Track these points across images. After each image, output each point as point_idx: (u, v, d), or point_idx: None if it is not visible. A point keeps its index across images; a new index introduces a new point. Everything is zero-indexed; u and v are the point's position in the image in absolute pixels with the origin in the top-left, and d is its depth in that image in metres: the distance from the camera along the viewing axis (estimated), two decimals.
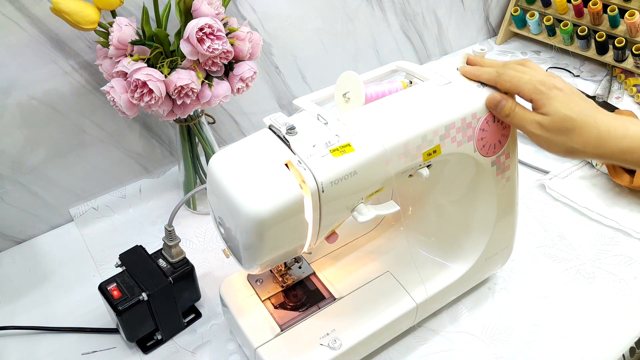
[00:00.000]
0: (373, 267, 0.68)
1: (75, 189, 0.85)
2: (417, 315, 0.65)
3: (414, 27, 1.14)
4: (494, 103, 0.55)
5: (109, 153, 0.85)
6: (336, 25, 1.02)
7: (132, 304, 0.61)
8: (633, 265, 0.75)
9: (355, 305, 0.63)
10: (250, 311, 0.63)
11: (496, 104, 0.55)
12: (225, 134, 0.97)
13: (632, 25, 1.03)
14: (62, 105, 0.77)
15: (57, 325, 0.70)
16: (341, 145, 0.49)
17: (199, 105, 0.71)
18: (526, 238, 0.80)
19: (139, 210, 0.87)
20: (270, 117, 0.52)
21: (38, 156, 0.79)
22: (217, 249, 0.80)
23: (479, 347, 0.66)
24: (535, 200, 0.87)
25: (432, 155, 0.54)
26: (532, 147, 0.97)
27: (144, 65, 0.66)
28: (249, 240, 0.49)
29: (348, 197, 0.51)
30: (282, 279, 0.65)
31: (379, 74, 0.61)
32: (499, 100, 0.55)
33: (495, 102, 0.55)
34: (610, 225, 0.81)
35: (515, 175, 0.64)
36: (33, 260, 0.80)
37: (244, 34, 0.71)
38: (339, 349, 0.59)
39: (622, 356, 0.66)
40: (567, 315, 0.70)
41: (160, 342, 0.68)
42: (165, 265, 0.66)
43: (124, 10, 0.76)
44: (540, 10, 1.17)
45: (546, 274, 0.75)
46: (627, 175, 0.84)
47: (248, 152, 0.50)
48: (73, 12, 0.65)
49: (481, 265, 0.68)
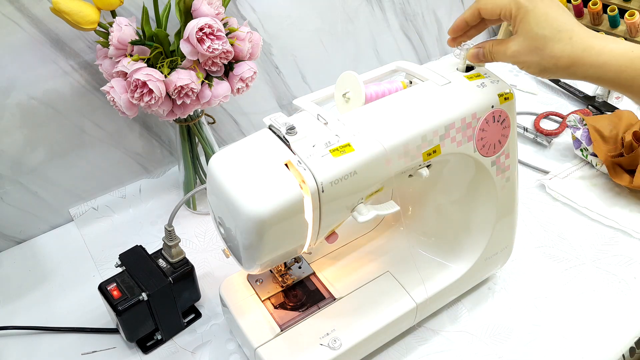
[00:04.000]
0: (373, 267, 0.68)
1: (75, 189, 0.85)
2: (417, 315, 0.65)
3: (414, 27, 1.14)
4: (475, 54, 0.56)
5: (109, 153, 0.85)
6: (336, 25, 1.02)
7: (132, 304, 0.61)
8: (633, 265, 0.75)
9: (355, 305, 0.63)
10: (250, 311, 0.63)
11: (476, 54, 0.56)
12: (225, 134, 0.97)
13: (632, 25, 1.03)
14: (62, 105, 0.77)
15: (57, 325, 0.70)
16: (341, 145, 0.49)
17: (199, 105, 0.71)
18: (526, 238, 0.80)
19: (139, 210, 0.87)
20: (270, 117, 0.52)
21: (38, 156, 0.79)
22: (217, 249, 0.80)
23: (479, 347, 0.66)
24: (535, 200, 0.87)
25: (432, 155, 0.54)
26: (532, 147, 0.98)
27: (144, 65, 0.66)
28: (249, 240, 0.49)
29: (348, 197, 0.51)
30: (282, 279, 0.65)
31: (379, 74, 0.60)
32: (477, 49, 0.56)
33: (475, 54, 0.56)
34: (610, 225, 0.81)
35: (515, 175, 0.64)
36: (33, 260, 0.80)
37: (244, 34, 0.71)
38: (339, 349, 0.59)
39: (622, 356, 0.66)
40: (567, 315, 0.70)
41: (160, 342, 0.68)
42: (165, 265, 0.66)
43: (124, 10, 0.76)
44: None
45: (546, 274, 0.75)
46: (627, 175, 0.84)
47: (248, 152, 0.50)
48: (73, 12, 0.65)
49: (481, 265, 0.68)
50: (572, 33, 0.49)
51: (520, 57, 0.52)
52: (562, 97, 1.10)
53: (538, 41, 0.50)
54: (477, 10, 0.54)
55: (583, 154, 0.91)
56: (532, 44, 0.50)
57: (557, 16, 0.50)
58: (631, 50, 0.48)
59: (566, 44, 0.49)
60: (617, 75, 0.48)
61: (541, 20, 0.49)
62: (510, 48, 0.52)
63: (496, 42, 0.54)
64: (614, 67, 0.48)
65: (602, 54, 0.48)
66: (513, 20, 0.51)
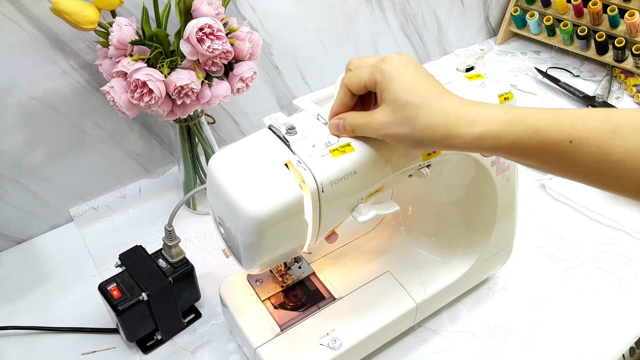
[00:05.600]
0: (373, 267, 0.68)
1: (75, 189, 0.85)
2: (417, 315, 0.65)
3: (414, 27, 1.14)
4: (335, 126, 0.50)
5: (109, 153, 0.85)
6: (336, 25, 1.02)
7: (132, 304, 0.61)
8: (633, 265, 0.75)
9: (355, 305, 0.63)
10: (250, 311, 0.63)
11: (336, 126, 0.50)
12: (225, 134, 0.97)
13: (632, 25, 1.03)
14: (62, 105, 0.77)
15: (56, 325, 0.70)
16: (341, 145, 0.49)
17: (199, 105, 0.71)
18: (526, 238, 0.80)
19: (139, 210, 0.87)
20: (270, 117, 0.52)
21: (38, 156, 0.79)
22: (217, 249, 0.80)
23: (479, 347, 0.66)
24: (535, 200, 0.87)
25: (432, 155, 0.54)
26: None
27: (144, 65, 0.66)
28: (248, 240, 0.49)
29: (348, 197, 0.51)
30: (282, 279, 0.65)
31: None
32: (337, 121, 0.49)
33: (335, 125, 0.50)
34: (610, 225, 0.81)
35: (515, 175, 0.64)
36: (33, 260, 0.80)
37: (244, 34, 0.71)
38: (339, 349, 0.59)
39: (622, 356, 0.66)
40: (567, 315, 0.70)
41: (160, 342, 0.68)
42: (165, 265, 0.66)
43: (124, 10, 0.76)
44: (540, 11, 1.17)
45: (546, 274, 0.75)
46: None
47: (248, 152, 0.50)
48: (73, 12, 0.65)
49: (481, 265, 0.68)
50: (443, 100, 0.44)
51: (390, 129, 0.45)
52: (562, 97, 1.10)
53: (408, 110, 0.44)
54: (346, 87, 0.49)
55: None
56: (402, 114, 0.44)
57: (426, 82, 0.45)
58: (504, 112, 0.43)
59: (439, 113, 0.43)
60: (496, 141, 0.43)
61: (409, 87, 0.44)
62: (377, 120, 0.46)
63: (359, 114, 0.48)
64: (491, 134, 0.42)
65: (476, 122, 0.43)
66: (379, 90, 0.46)
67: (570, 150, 0.41)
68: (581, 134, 0.41)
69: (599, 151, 0.41)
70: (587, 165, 0.41)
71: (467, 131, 0.43)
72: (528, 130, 0.42)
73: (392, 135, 0.46)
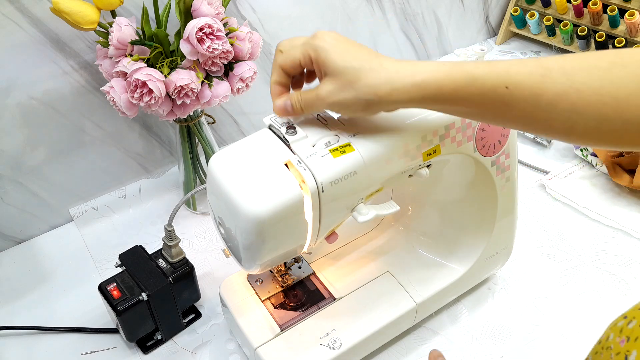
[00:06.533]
0: (373, 267, 0.68)
1: (75, 189, 0.85)
2: (417, 315, 0.65)
3: (414, 27, 1.14)
4: (282, 108, 0.50)
5: (109, 153, 0.85)
6: (336, 25, 1.01)
7: (132, 304, 0.61)
8: (633, 265, 0.75)
9: (355, 305, 0.63)
10: (250, 311, 0.63)
11: (284, 107, 0.50)
12: (225, 134, 0.97)
13: (632, 25, 1.03)
14: (62, 105, 0.77)
15: (56, 325, 0.70)
16: (341, 145, 0.49)
17: (199, 105, 0.71)
18: (526, 238, 0.80)
19: (139, 210, 0.87)
20: (270, 117, 0.52)
21: (38, 156, 0.79)
22: (217, 249, 0.80)
23: (479, 347, 0.66)
24: (535, 200, 0.87)
25: (432, 155, 0.54)
26: (532, 147, 0.98)
27: (144, 65, 0.66)
28: (248, 240, 0.49)
29: (348, 197, 0.51)
30: (282, 279, 0.65)
31: None
32: (283, 102, 0.50)
33: (282, 107, 0.50)
34: (610, 225, 0.81)
35: (515, 175, 0.64)
36: (33, 260, 0.80)
37: (244, 34, 0.71)
38: (339, 349, 0.59)
39: None
40: (567, 315, 0.70)
41: (160, 342, 0.68)
42: (165, 265, 0.66)
43: (124, 10, 0.76)
44: (540, 11, 1.17)
45: (546, 274, 0.75)
46: (627, 175, 0.84)
47: (248, 152, 0.50)
48: (73, 12, 0.65)
49: (481, 265, 0.68)
50: (380, 60, 0.45)
51: (336, 97, 0.46)
52: None
53: (349, 74, 0.45)
54: (280, 68, 0.49)
55: (583, 154, 0.91)
56: (344, 79, 0.45)
57: (360, 48, 0.46)
58: (442, 64, 0.44)
59: (380, 71, 0.44)
60: (438, 90, 0.44)
61: (345, 55, 0.45)
62: (322, 91, 0.47)
63: (304, 92, 0.49)
64: (433, 83, 0.44)
65: (416, 73, 0.44)
66: (316, 65, 0.47)
67: (507, 96, 0.42)
68: (515, 79, 0.42)
69: (532, 95, 0.42)
70: (523, 109, 0.43)
71: (409, 81, 0.44)
72: (467, 77, 0.43)
73: (340, 102, 0.46)
